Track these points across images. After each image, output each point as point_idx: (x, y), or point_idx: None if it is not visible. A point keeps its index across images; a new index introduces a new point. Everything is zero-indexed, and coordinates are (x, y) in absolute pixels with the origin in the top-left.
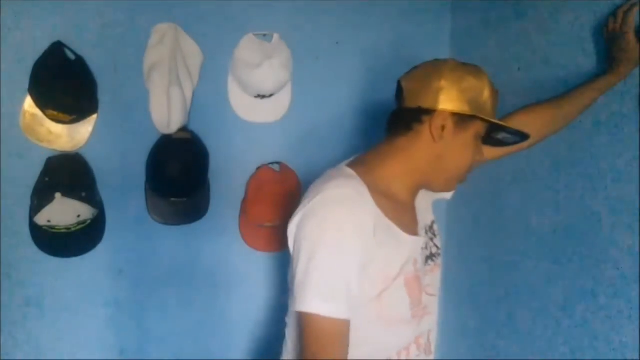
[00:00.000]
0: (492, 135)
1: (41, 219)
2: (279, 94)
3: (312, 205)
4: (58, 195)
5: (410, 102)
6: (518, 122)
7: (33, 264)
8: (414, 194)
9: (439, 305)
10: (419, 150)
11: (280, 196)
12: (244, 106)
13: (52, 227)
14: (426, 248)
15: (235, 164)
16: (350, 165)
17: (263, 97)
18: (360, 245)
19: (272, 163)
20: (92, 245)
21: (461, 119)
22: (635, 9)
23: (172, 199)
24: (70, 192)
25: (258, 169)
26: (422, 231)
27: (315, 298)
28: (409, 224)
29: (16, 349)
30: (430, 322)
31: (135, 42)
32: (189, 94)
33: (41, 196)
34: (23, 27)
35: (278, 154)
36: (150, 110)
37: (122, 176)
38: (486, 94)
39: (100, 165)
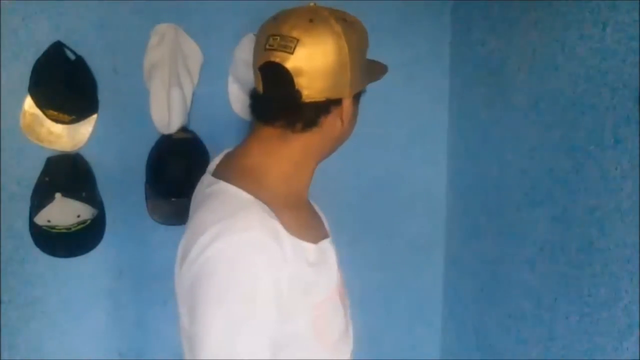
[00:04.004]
0: None
1: (41, 219)
2: None
3: (219, 245)
4: (58, 195)
5: (316, 95)
6: None
7: (33, 264)
8: (310, 184)
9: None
10: (322, 139)
11: None
12: (244, 106)
13: (52, 227)
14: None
15: None
16: (234, 182)
17: None
18: (274, 295)
19: None
20: (92, 245)
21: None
22: None
23: (172, 199)
24: (70, 192)
25: None
26: (326, 223)
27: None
28: (317, 225)
29: (16, 349)
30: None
31: (135, 42)
32: (189, 94)
33: (41, 196)
34: (23, 27)
35: None
36: (150, 110)
37: (122, 176)
38: (367, 48)
39: (100, 165)
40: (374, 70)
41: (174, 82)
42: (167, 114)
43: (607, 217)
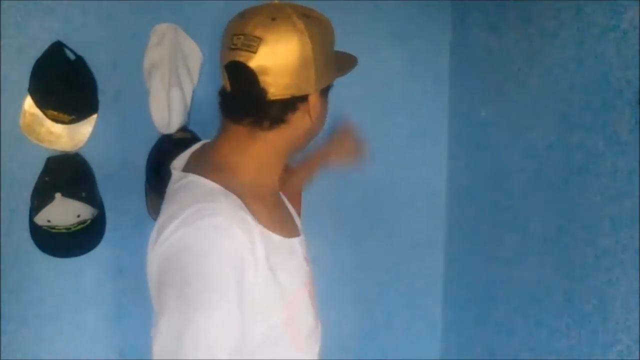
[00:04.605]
0: None
1: (41, 219)
2: None
3: (184, 229)
4: (58, 195)
5: (281, 92)
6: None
7: (33, 264)
8: (280, 178)
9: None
10: (291, 135)
11: None
12: None
13: (52, 227)
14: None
15: None
16: (204, 175)
17: None
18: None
19: None
20: (92, 245)
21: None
22: None
23: None
24: (70, 192)
25: None
26: (297, 219)
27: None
28: (288, 221)
29: (16, 349)
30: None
31: (135, 42)
32: (189, 94)
33: (41, 196)
34: (23, 27)
35: None
36: (150, 110)
37: (122, 176)
38: (334, 42)
39: (100, 165)
40: (343, 64)
41: (174, 82)
42: (167, 114)
43: (607, 216)
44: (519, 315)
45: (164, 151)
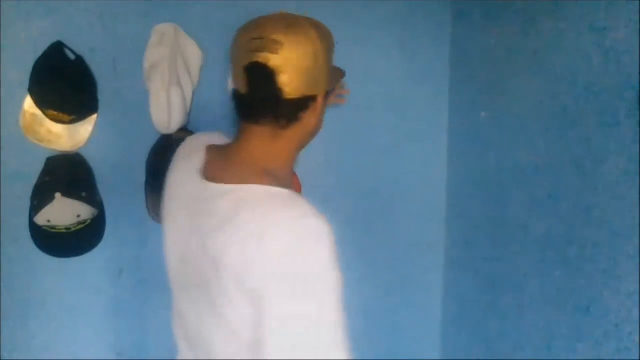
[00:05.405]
0: None
1: (41, 219)
2: None
3: (296, 240)
4: (58, 195)
5: (295, 92)
6: None
7: (33, 264)
8: None
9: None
10: (303, 134)
11: None
12: None
13: (52, 227)
14: None
15: None
16: (261, 182)
17: None
18: None
19: None
20: (92, 245)
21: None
22: None
23: None
24: (70, 192)
25: None
26: None
27: (339, 348)
28: None
29: (16, 349)
30: None
31: (135, 42)
32: (189, 94)
33: (41, 196)
34: (23, 27)
35: None
36: (150, 110)
37: (122, 176)
38: (334, 52)
39: (100, 165)
40: (337, 74)
41: (174, 82)
42: (167, 114)
43: (607, 216)
44: (519, 316)
45: (164, 151)
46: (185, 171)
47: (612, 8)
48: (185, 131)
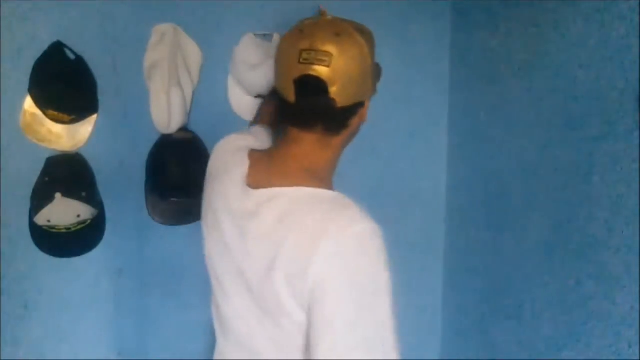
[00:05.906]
0: None
1: (41, 219)
2: None
3: (350, 242)
4: (58, 195)
5: (346, 101)
6: None
7: (33, 264)
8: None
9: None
10: (349, 138)
11: None
12: (244, 106)
13: (52, 227)
14: None
15: None
16: (315, 185)
17: (263, 97)
18: None
19: None
20: (92, 245)
21: None
22: None
23: (172, 199)
24: (70, 192)
25: None
26: None
27: (393, 348)
28: None
29: (16, 349)
30: None
31: (135, 42)
32: (189, 94)
33: (41, 196)
34: (23, 27)
35: None
36: (150, 110)
37: (122, 176)
38: (375, 46)
39: (100, 165)
40: (378, 73)
41: (174, 82)
42: (167, 114)
43: (608, 216)
44: (519, 316)
45: (164, 151)
46: (228, 182)
47: (612, 8)
48: (185, 131)
